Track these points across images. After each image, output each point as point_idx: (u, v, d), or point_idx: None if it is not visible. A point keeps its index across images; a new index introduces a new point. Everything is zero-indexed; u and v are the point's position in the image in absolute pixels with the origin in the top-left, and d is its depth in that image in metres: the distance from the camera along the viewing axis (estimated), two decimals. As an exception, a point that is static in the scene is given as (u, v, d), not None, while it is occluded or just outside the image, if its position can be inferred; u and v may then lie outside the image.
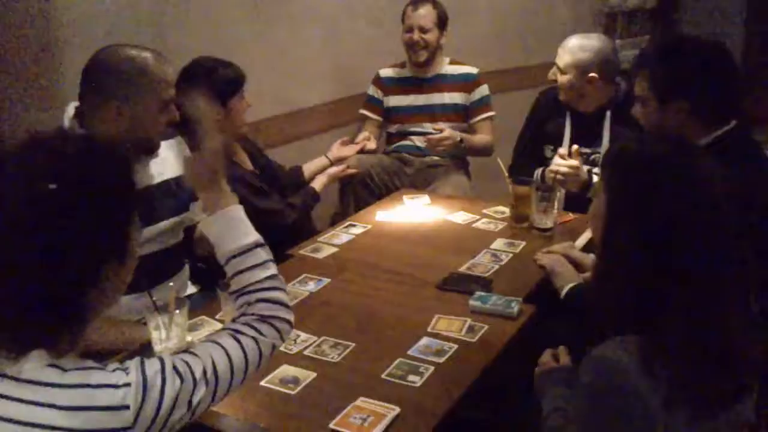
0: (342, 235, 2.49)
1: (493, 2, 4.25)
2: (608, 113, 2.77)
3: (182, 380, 1.10)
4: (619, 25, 4.71)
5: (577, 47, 2.75)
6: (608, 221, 1.32)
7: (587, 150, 2.80)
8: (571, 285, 2.01)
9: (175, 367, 1.10)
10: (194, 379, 1.12)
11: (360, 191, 3.23)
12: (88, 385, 1.03)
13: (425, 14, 3.36)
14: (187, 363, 1.13)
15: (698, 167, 1.27)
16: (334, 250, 2.37)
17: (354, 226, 2.57)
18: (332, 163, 3.18)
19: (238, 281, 1.30)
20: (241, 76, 2.55)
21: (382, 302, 2.01)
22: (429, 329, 1.83)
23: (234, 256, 1.29)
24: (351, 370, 1.67)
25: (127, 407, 1.03)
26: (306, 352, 1.73)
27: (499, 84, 3.99)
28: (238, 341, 1.21)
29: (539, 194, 2.45)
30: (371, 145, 3.35)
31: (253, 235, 1.32)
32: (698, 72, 1.90)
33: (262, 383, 1.60)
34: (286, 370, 1.64)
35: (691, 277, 1.20)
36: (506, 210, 2.63)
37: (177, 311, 1.68)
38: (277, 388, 1.58)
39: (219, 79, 2.48)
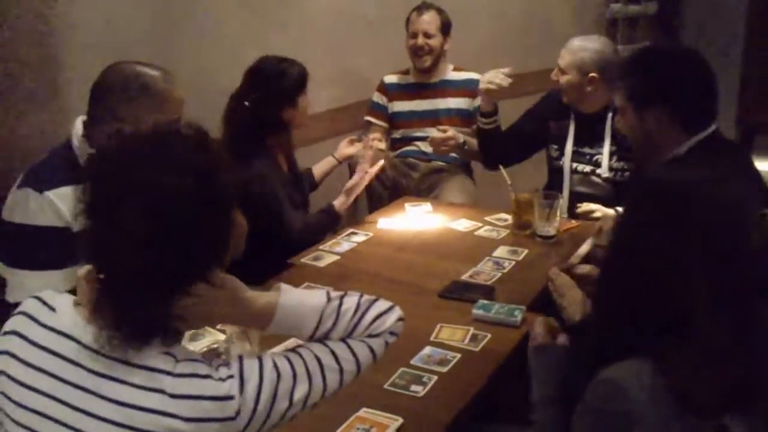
0: (343, 243, 2.48)
1: (494, 9, 4.25)
2: (609, 115, 2.78)
3: (279, 375, 1.10)
4: (620, 31, 4.71)
5: (577, 47, 2.79)
6: (629, 250, 1.28)
7: (590, 150, 2.84)
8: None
9: (274, 363, 1.11)
10: (294, 374, 1.12)
11: (372, 183, 3.20)
12: (197, 375, 1.05)
13: (429, 20, 3.37)
14: (288, 359, 1.13)
15: (724, 193, 1.25)
16: (336, 258, 2.36)
17: (356, 234, 2.56)
18: (340, 162, 3.16)
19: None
20: (305, 73, 2.64)
21: (384, 311, 1.99)
22: (432, 338, 1.81)
23: (313, 335, 1.20)
24: (353, 380, 1.65)
25: (232, 397, 1.05)
26: (308, 362, 1.71)
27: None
28: (347, 344, 1.20)
29: (542, 201, 2.45)
30: (381, 145, 3.34)
31: (315, 305, 1.20)
32: (672, 78, 1.95)
33: (264, 394, 1.58)
34: (288, 380, 1.63)
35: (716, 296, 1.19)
36: (508, 217, 2.62)
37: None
38: (279, 398, 1.57)
39: (288, 79, 2.59)
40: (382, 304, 1.26)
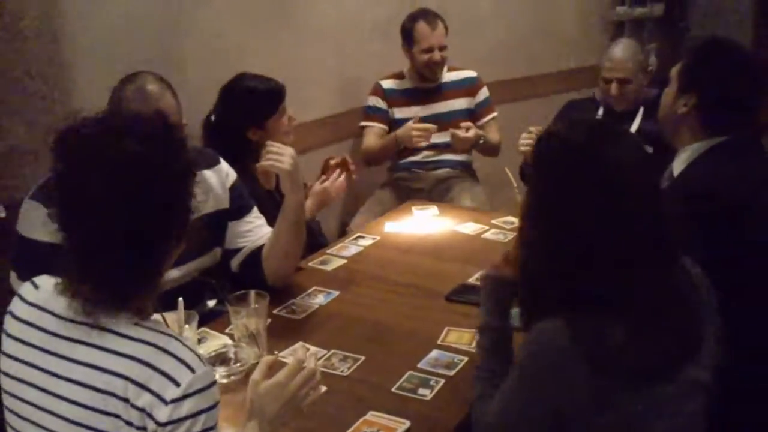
0: (350, 247, 2.48)
1: (499, 12, 4.25)
2: (641, 109, 2.95)
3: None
4: (626, 33, 4.70)
5: (631, 54, 2.96)
6: (532, 205, 1.39)
7: None
8: None
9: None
10: None
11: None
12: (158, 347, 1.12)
13: (441, 32, 3.34)
14: None
15: (615, 153, 1.29)
16: (343, 262, 2.36)
17: (362, 237, 2.57)
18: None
19: None
20: (279, 94, 2.51)
21: (391, 315, 2.00)
22: (439, 341, 1.82)
23: None
24: (361, 384, 1.66)
25: (178, 384, 1.10)
26: (315, 366, 1.72)
27: (505, 94, 3.97)
28: None
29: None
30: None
31: None
32: (716, 71, 1.93)
33: (272, 397, 1.59)
34: (296, 383, 1.63)
35: (605, 259, 1.25)
36: (515, 220, 2.61)
37: (186, 326, 1.68)
38: (287, 402, 1.57)
39: (256, 99, 2.49)
40: None
